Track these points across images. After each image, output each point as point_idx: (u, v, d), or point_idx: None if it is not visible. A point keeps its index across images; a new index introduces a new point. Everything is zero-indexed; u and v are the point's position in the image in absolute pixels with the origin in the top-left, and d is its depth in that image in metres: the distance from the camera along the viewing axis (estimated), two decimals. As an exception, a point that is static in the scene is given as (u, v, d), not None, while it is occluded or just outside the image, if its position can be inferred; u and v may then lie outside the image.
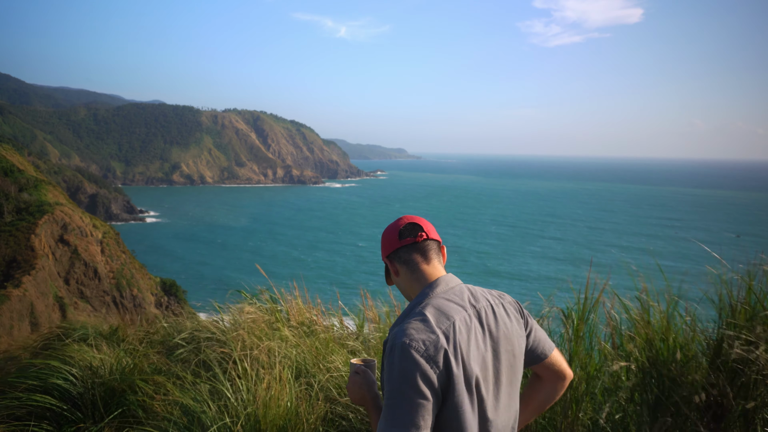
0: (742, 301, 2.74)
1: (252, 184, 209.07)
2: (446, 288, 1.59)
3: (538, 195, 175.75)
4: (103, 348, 3.82)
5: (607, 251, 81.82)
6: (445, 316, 1.48)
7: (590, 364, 2.98)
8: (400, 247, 1.66)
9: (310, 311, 4.46)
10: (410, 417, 1.34)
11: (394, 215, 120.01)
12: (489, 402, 1.49)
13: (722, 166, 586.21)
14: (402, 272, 1.67)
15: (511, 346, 1.58)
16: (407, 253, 1.66)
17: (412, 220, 1.70)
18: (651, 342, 2.82)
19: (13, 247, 45.74)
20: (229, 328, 4.15)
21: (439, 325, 1.45)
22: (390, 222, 1.72)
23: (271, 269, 4.75)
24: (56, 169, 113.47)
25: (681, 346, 2.73)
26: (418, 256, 1.65)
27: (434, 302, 1.53)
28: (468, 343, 1.47)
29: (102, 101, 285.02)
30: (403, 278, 1.67)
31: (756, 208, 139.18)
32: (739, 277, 2.79)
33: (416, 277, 1.64)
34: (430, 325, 1.44)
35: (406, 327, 1.45)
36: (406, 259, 1.66)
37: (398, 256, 1.67)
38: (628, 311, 3.04)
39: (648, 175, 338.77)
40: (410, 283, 1.65)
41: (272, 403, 2.85)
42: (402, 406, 1.35)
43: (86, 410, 3.42)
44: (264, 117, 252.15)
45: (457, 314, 1.50)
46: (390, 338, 1.48)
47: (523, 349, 1.63)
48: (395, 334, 1.46)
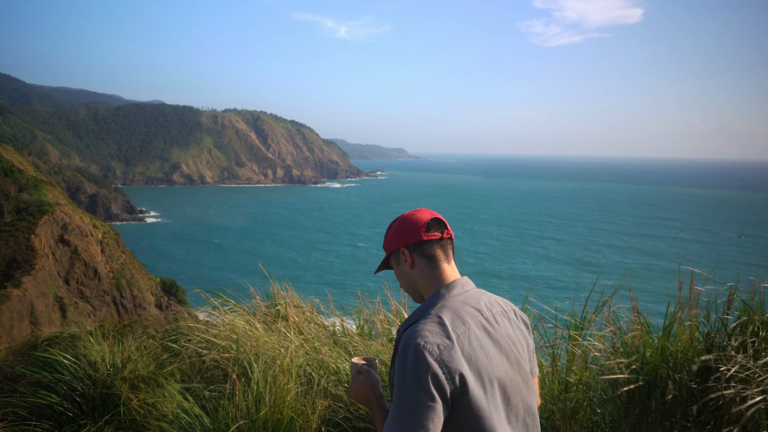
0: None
1: (252, 184, 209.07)
2: (462, 291, 1.56)
3: (538, 195, 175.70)
4: (104, 346, 3.83)
5: (606, 253, 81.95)
6: (460, 320, 1.46)
7: (588, 372, 2.99)
8: (425, 241, 1.60)
9: (311, 312, 4.47)
10: (419, 419, 1.32)
11: (394, 215, 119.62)
12: (501, 409, 1.48)
13: (722, 166, 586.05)
14: (420, 266, 1.61)
15: (518, 354, 1.56)
16: (431, 248, 1.60)
17: (436, 215, 1.64)
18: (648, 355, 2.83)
19: (13, 247, 45.75)
20: (228, 328, 4.16)
21: (454, 329, 1.42)
22: (389, 220, 1.73)
23: (270, 269, 4.76)
24: (56, 169, 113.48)
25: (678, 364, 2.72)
26: (441, 252, 1.61)
27: (450, 304, 1.50)
28: (482, 349, 1.45)
29: (102, 101, 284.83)
30: (419, 273, 1.61)
31: (756, 209, 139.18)
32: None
33: (434, 275, 1.59)
34: (446, 328, 1.41)
35: (422, 328, 1.42)
36: (429, 254, 1.60)
37: (421, 249, 1.60)
38: (623, 334, 3.03)
39: (648, 175, 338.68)
40: (426, 279, 1.60)
41: (271, 402, 2.86)
42: (412, 408, 1.33)
43: (87, 409, 3.43)
44: (264, 117, 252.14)
45: (472, 319, 1.48)
46: (403, 338, 1.44)
47: (527, 359, 1.60)
48: (409, 335, 1.42)
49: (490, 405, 1.43)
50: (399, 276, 1.67)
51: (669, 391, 2.64)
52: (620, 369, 2.79)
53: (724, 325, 2.78)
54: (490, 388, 1.43)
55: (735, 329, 2.72)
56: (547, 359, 3.19)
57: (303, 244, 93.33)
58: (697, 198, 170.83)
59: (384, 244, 1.69)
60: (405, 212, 1.68)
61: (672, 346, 2.77)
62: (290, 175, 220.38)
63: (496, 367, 1.47)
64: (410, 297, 1.70)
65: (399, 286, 1.74)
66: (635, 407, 2.70)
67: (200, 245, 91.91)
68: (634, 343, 2.92)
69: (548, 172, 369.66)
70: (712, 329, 2.81)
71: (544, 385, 3.07)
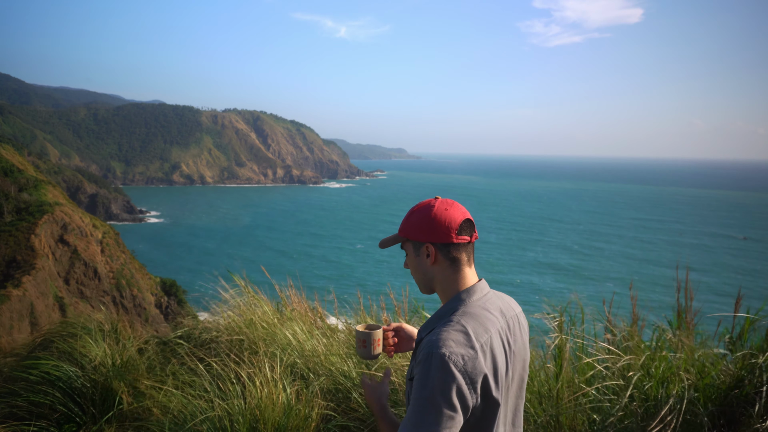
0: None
1: (252, 184, 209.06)
2: (481, 295, 1.54)
3: (537, 195, 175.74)
4: (104, 345, 3.83)
5: (605, 255, 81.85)
6: (483, 328, 1.44)
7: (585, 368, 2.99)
8: (454, 243, 1.54)
9: (312, 311, 4.47)
10: (438, 428, 1.30)
11: (394, 215, 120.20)
12: (508, 417, 1.51)
13: (722, 166, 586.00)
14: (442, 266, 1.55)
15: (524, 360, 1.56)
16: (458, 251, 1.55)
17: (468, 216, 1.58)
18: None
19: (13, 247, 45.73)
20: (228, 329, 4.16)
21: (478, 339, 1.40)
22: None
23: (269, 269, 4.76)
24: (56, 169, 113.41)
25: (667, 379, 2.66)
26: (465, 256, 1.56)
27: (471, 311, 1.48)
28: (502, 357, 1.45)
29: (102, 101, 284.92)
30: (440, 272, 1.56)
31: (759, 209, 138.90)
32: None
33: (456, 278, 1.55)
34: (469, 338, 1.39)
35: (446, 337, 1.39)
36: (454, 256, 1.54)
37: (447, 250, 1.54)
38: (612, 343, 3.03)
39: (648, 175, 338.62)
40: (446, 280, 1.56)
41: (270, 401, 2.86)
42: (432, 414, 1.31)
43: (87, 407, 3.43)
44: (264, 117, 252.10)
45: (493, 326, 1.47)
46: (426, 345, 1.41)
47: (527, 365, 1.60)
48: (432, 342, 1.39)
49: (505, 410, 1.46)
50: (413, 266, 1.61)
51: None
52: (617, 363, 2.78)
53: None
54: (505, 395, 1.45)
55: None
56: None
57: (304, 243, 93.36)
58: (697, 198, 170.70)
59: (404, 228, 1.60)
60: (435, 201, 1.60)
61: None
62: (290, 175, 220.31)
63: (511, 375, 1.48)
64: (416, 290, 1.68)
65: (410, 274, 1.67)
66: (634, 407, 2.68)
67: (202, 245, 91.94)
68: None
69: (548, 172, 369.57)
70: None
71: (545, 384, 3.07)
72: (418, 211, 1.58)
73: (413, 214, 1.59)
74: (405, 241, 1.61)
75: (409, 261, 1.62)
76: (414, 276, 1.62)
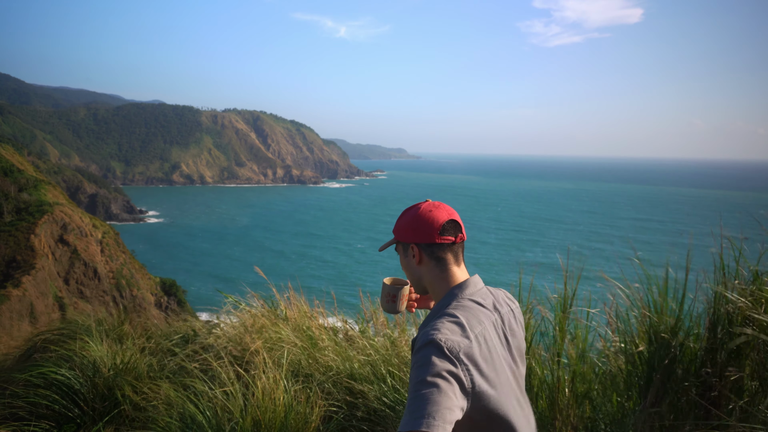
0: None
1: (252, 184, 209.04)
2: (474, 290, 1.56)
3: (537, 195, 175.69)
4: (104, 345, 3.83)
5: (604, 256, 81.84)
6: (476, 320, 1.45)
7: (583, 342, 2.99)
8: (437, 243, 1.57)
9: (312, 312, 4.47)
10: (439, 411, 1.28)
11: (394, 216, 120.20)
12: (515, 407, 1.49)
13: (722, 166, 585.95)
14: (428, 266, 1.59)
15: (520, 352, 1.57)
16: (442, 251, 1.58)
17: (453, 217, 1.61)
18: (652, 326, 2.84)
19: (12, 247, 45.71)
20: (228, 329, 4.16)
21: (472, 329, 1.42)
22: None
23: (268, 269, 4.77)
24: (56, 169, 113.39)
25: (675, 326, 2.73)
26: (451, 256, 1.59)
27: (464, 304, 1.50)
28: (496, 348, 1.46)
29: (102, 101, 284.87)
30: (427, 271, 1.60)
31: (760, 209, 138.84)
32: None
33: (444, 277, 1.58)
34: (463, 327, 1.41)
35: (440, 326, 1.40)
36: (438, 256, 1.58)
37: (431, 250, 1.58)
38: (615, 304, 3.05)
39: (648, 175, 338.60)
40: (434, 279, 1.59)
41: (271, 402, 2.86)
42: (432, 399, 1.29)
43: (86, 408, 3.43)
44: (264, 117, 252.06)
45: (487, 319, 1.49)
46: (421, 335, 1.42)
47: (524, 356, 1.61)
48: (426, 332, 1.40)
49: (507, 402, 1.44)
50: (404, 266, 1.67)
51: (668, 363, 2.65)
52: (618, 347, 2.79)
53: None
54: (500, 387, 1.44)
55: None
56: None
57: (303, 244, 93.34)
58: (699, 199, 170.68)
59: (395, 229, 1.67)
60: (423, 203, 1.65)
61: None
62: (290, 174, 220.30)
63: (506, 366, 1.49)
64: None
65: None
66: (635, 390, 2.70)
67: (202, 245, 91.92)
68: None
69: (548, 172, 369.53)
70: None
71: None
72: (406, 214, 1.64)
73: (402, 216, 1.65)
74: (397, 242, 1.66)
75: (401, 261, 1.68)
76: (407, 275, 1.68)
